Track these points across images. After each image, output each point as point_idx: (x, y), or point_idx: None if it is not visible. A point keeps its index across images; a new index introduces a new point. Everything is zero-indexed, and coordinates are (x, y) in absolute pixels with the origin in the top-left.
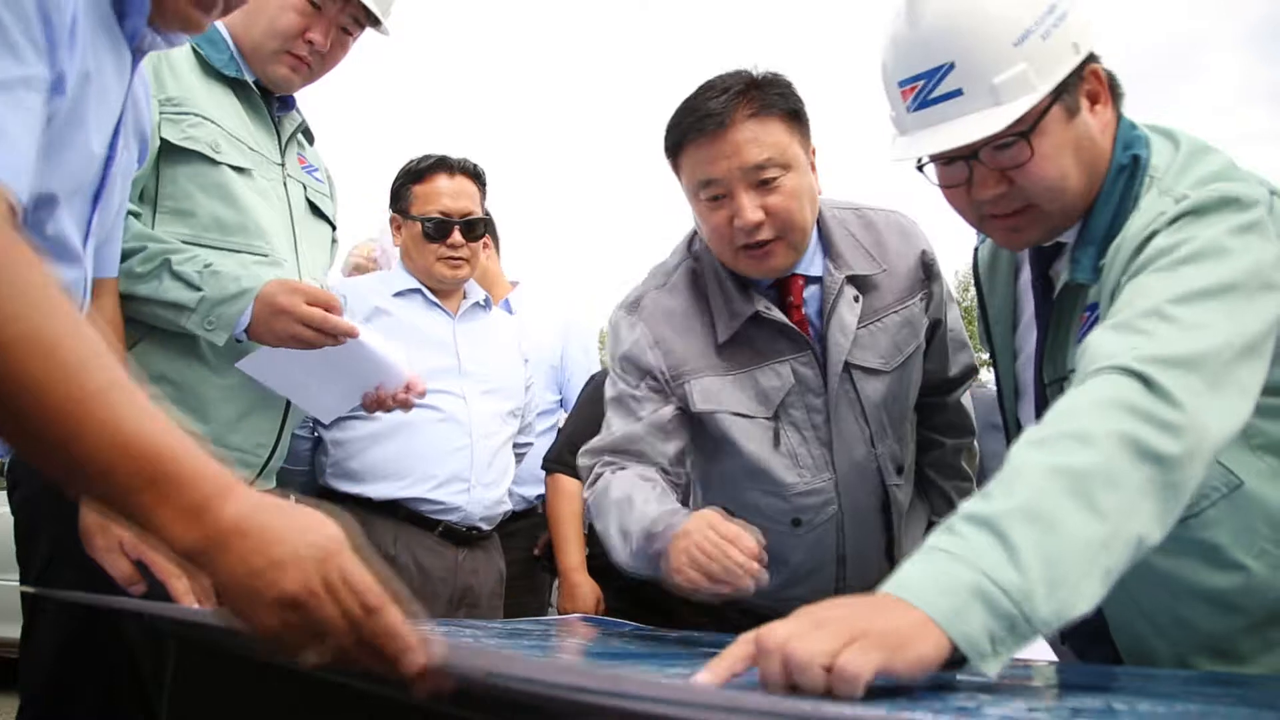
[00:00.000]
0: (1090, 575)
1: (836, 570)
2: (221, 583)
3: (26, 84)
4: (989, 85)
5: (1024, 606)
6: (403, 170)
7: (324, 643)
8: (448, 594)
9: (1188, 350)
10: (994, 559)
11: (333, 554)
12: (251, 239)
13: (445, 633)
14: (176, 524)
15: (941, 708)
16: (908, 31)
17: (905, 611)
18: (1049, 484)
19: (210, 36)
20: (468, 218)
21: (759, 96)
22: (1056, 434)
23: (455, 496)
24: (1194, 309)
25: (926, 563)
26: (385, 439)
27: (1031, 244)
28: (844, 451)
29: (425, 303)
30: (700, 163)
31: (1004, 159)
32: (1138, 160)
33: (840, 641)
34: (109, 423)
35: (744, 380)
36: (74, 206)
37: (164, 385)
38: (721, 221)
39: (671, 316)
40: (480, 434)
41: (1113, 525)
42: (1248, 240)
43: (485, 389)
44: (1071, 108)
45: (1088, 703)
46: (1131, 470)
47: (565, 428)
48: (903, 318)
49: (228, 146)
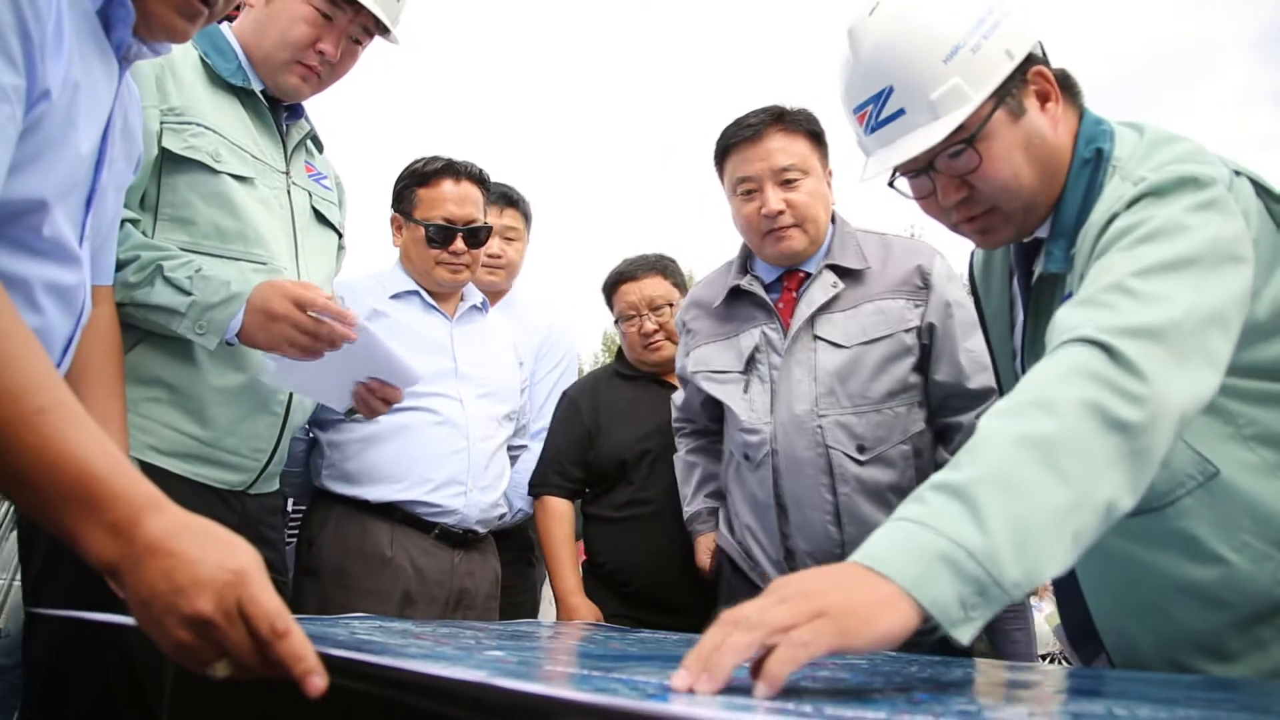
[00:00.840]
0: (1058, 538)
1: (778, 517)
2: (138, 596)
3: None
4: (927, 101)
5: (991, 569)
6: (407, 171)
7: (228, 659)
8: (444, 596)
9: (1149, 321)
10: (960, 524)
11: (244, 578)
12: (250, 247)
13: (446, 634)
14: (98, 539)
15: (942, 711)
16: (852, 62)
17: (874, 584)
18: (1014, 451)
19: (219, 46)
20: (471, 225)
21: (789, 118)
22: (1022, 403)
23: (452, 499)
24: (1154, 282)
25: (893, 531)
26: (382, 441)
27: (1004, 243)
28: (786, 402)
29: (423, 305)
30: (739, 164)
31: (958, 166)
32: (1100, 153)
33: (800, 618)
34: (40, 442)
35: (729, 344)
36: (68, 210)
37: (161, 389)
38: (752, 211)
39: (699, 298)
40: (477, 437)
41: (1079, 490)
42: (1206, 216)
43: (481, 392)
44: (1015, 110)
45: (1088, 707)
46: (1096, 437)
47: (546, 449)
48: (877, 308)
49: (229, 155)
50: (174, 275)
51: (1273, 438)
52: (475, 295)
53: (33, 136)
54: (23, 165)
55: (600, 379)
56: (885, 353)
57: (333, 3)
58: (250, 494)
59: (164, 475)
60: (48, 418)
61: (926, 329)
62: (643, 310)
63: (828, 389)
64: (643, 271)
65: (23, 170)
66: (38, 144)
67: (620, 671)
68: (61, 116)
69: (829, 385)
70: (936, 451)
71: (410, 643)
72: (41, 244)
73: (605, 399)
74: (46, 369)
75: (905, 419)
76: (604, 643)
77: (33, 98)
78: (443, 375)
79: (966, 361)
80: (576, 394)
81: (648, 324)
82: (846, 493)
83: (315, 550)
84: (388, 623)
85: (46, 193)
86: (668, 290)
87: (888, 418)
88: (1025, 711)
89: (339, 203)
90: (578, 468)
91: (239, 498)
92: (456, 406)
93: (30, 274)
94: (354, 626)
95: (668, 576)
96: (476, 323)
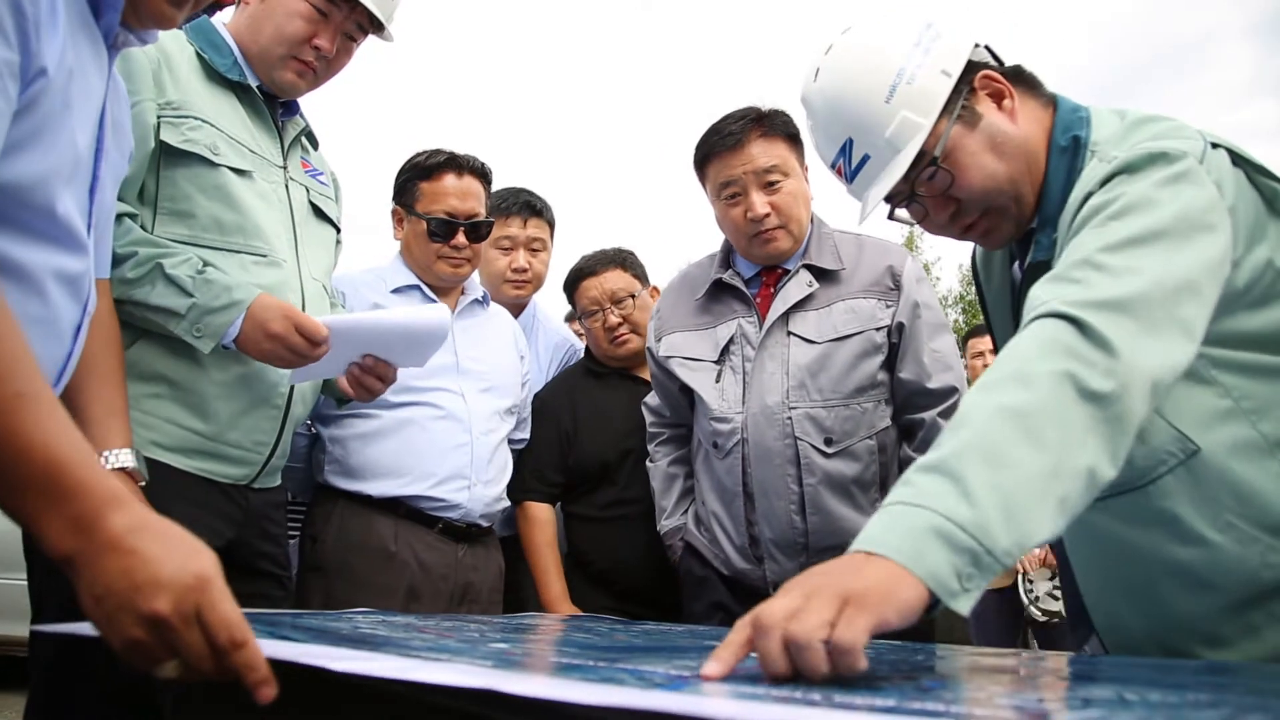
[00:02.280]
0: (1043, 505)
1: (745, 505)
2: (93, 591)
3: None
4: (884, 140)
5: (982, 539)
6: (410, 164)
7: (176, 661)
8: (449, 590)
9: (1117, 294)
10: (947, 498)
11: (206, 584)
12: (250, 239)
13: (450, 628)
14: (57, 529)
15: (952, 698)
16: (812, 125)
17: (878, 565)
18: (993, 423)
19: (214, 41)
20: (473, 219)
21: (766, 122)
22: (999, 377)
23: (456, 494)
24: (1122, 256)
25: (886, 515)
26: (385, 436)
27: (1009, 239)
28: (758, 394)
29: (424, 299)
30: (722, 170)
31: (936, 186)
32: (1078, 140)
33: (834, 610)
34: (12, 427)
35: (707, 334)
36: (74, 197)
37: (162, 384)
38: (738, 215)
39: (676, 287)
40: (480, 431)
41: (1057, 456)
42: (1176, 189)
43: (484, 386)
44: (970, 119)
45: (1097, 693)
46: (1071, 407)
47: (523, 455)
48: (849, 306)
49: (227, 149)
50: (176, 274)
51: (1272, 411)
52: (476, 289)
53: (31, 115)
54: (22, 145)
55: (572, 379)
56: (855, 350)
57: (329, 0)
58: (254, 488)
59: (168, 471)
60: (24, 403)
61: (896, 328)
62: (605, 304)
63: (799, 382)
64: (602, 266)
65: (23, 150)
66: (36, 123)
67: (626, 662)
68: (59, 97)
69: (800, 379)
70: (900, 448)
71: (414, 636)
72: (53, 228)
73: (580, 400)
74: (26, 356)
75: (872, 414)
76: (608, 635)
77: (29, 75)
78: (445, 369)
79: (930, 361)
80: (549, 397)
81: (612, 318)
82: (812, 484)
83: (319, 546)
84: (391, 617)
85: (50, 174)
86: (629, 282)
87: (855, 413)
88: (1036, 697)
89: (335, 198)
90: (557, 472)
91: (242, 492)
92: (459, 401)
93: (39, 261)
94: (357, 621)
95: (657, 575)
96: (478, 316)
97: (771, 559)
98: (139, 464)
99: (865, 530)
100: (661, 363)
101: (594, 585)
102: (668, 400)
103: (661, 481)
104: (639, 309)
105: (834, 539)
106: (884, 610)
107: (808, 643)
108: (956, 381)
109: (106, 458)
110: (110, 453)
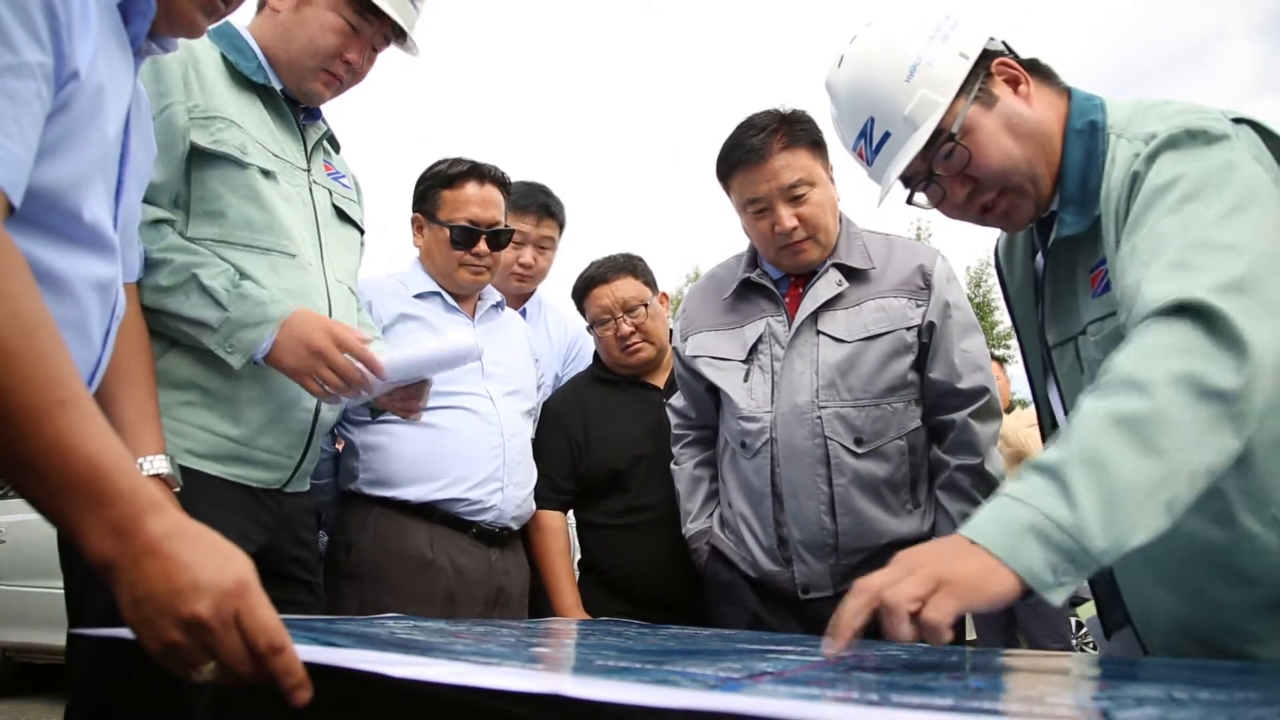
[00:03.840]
0: (1148, 508)
1: (774, 505)
2: (133, 594)
3: (15, 72)
4: (903, 118)
5: (1079, 538)
6: (431, 172)
7: (214, 664)
8: (483, 595)
9: (1232, 274)
10: (1050, 499)
11: (245, 589)
12: (279, 239)
13: (483, 632)
14: (98, 535)
15: (1006, 697)
16: (835, 110)
17: (975, 555)
18: (1105, 430)
19: (237, 45)
20: (494, 228)
21: (788, 131)
22: (1113, 381)
23: (490, 496)
24: (1223, 233)
25: (994, 507)
26: (418, 441)
27: (1027, 221)
28: (787, 393)
29: (445, 306)
30: (746, 185)
31: (954, 164)
32: (1094, 124)
33: (926, 588)
34: (55, 434)
35: (734, 333)
36: (100, 198)
37: (194, 391)
38: (765, 229)
39: (703, 288)
40: (510, 433)
41: (1172, 463)
42: (1229, 164)
43: (509, 389)
44: (987, 101)
45: (1146, 691)
46: (1194, 410)
47: (535, 462)
48: (879, 305)
49: (255, 151)
50: (211, 285)
51: None
52: (493, 294)
53: (63, 118)
54: (55, 148)
55: (580, 386)
56: (886, 349)
57: (360, 15)
58: (286, 492)
59: (201, 478)
60: (66, 410)
61: (926, 327)
62: (617, 313)
63: (828, 381)
64: (613, 274)
65: (55, 153)
66: (67, 126)
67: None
68: (89, 100)
69: (829, 378)
70: (930, 449)
71: (453, 640)
72: (81, 231)
73: (591, 407)
74: (68, 362)
75: (902, 415)
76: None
77: (62, 77)
78: (471, 375)
79: (960, 361)
80: (558, 404)
81: (624, 326)
82: (842, 484)
83: (354, 554)
84: (423, 622)
85: (79, 178)
86: (640, 290)
87: (885, 412)
88: (1089, 695)
89: (358, 200)
90: (568, 480)
91: (275, 496)
92: (488, 404)
93: (70, 265)
94: (390, 626)
95: (673, 581)
96: (495, 321)
97: (800, 560)
98: (173, 470)
99: (975, 517)
100: (688, 362)
101: (609, 592)
102: (693, 401)
103: (687, 484)
104: (651, 317)
105: (864, 540)
106: (971, 597)
107: (894, 608)
108: (987, 382)
109: (141, 464)
110: (145, 459)
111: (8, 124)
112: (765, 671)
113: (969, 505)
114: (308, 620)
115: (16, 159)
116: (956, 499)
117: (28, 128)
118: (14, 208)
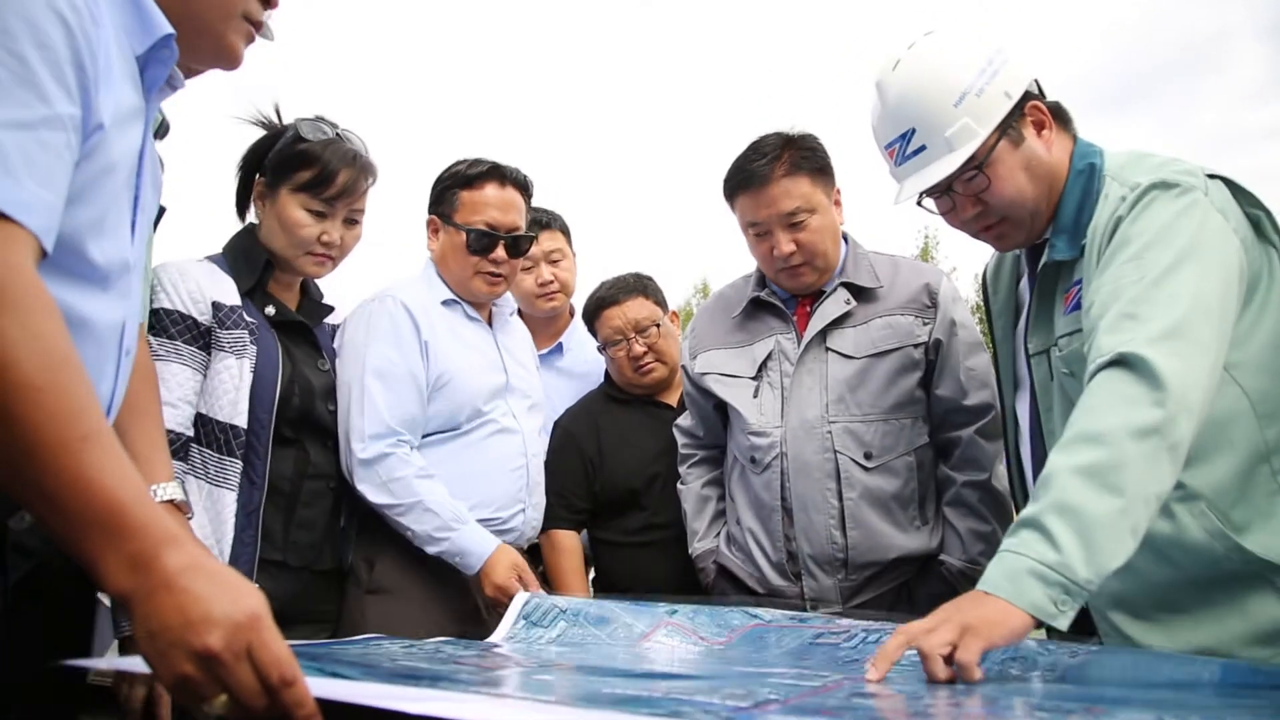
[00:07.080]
0: (1117, 537)
1: (783, 520)
2: (147, 627)
3: (50, 123)
4: (943, 138)
5: (1067, 574)
6: (450, 172)
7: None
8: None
9: (1166, 323)
10: (1038, 545)
11: (257, 622)
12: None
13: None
14: (116, 567)
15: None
16: (880, 108)
17: (991, 603)
18: (1071, 480)
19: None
20: (514, 233)
21: (792, 157)
22: (1073, 438)
23: (513, 518)
24: (1168, 281)
25: (998, 562)
26: (445, 462)
27: (1017, 245)
28: (797, 408)
29: (465, 316)
30: (748, 209)
31: (972, 188)
32: (1093, 166)
33: (955, 634)
34: (77, 468)
35: (744, 351)
36: (114, 240)
37: None
38: (765, 251)
39: (711, 306)
40: (532, 452)
41: (1129, 496)
42: (1190, 216)
43: (529, 404)
44: (1016, 139)
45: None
46: (1137, 449)
47: (547, 484)
48: (886, 322)
49: None
50: None
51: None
52: (510, 302)
53: (87, 166)
54: (79, 195)
55: (592, 406)
56: (894, 365)
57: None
58: None
59: None
60: (89, 445)
61: (933, 345)
62: (629, 334)
63: (838, 396)
64: (624, 294)
65: (78, 200)
66: (90, 175)
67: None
68: (112, 149)
69: (839, 393)
70: (937, 466)
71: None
72: (98, 273)
73: (604, 426)
74: (92, 399)
75: (910, 431)
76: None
77: (88, 128)
78: (498, 391)
79: (966, 378)
80: (570, 424)
81: (636, 347)
82: (852, 498)
83: (378, 570)
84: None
85: (99, 222)
86: (652, 310)
87: (894, 428)
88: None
89: None
90: (583, 499)
91: None
92: (513, 421)
93: (90, 307)
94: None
95: None
96: (508, 330)
97: (809, 575)
98: (186, 497)
99: (986, 573)
100: (696, 380)
101: None
102: (701, 419)
103: (694, 504)
104: (663, 337)
105: (873, 555)
106: (993, 636)
107: (929, 654)
108: (992, 399)
109: (155, 491)
110: (158, 486)
111: (42, 173)
112: (771, 699)
113: (976, 521)
114: (308, 647)
115: (50, 207)
116: (964, 516)
117: (59, 177)
118: (46, 253)
